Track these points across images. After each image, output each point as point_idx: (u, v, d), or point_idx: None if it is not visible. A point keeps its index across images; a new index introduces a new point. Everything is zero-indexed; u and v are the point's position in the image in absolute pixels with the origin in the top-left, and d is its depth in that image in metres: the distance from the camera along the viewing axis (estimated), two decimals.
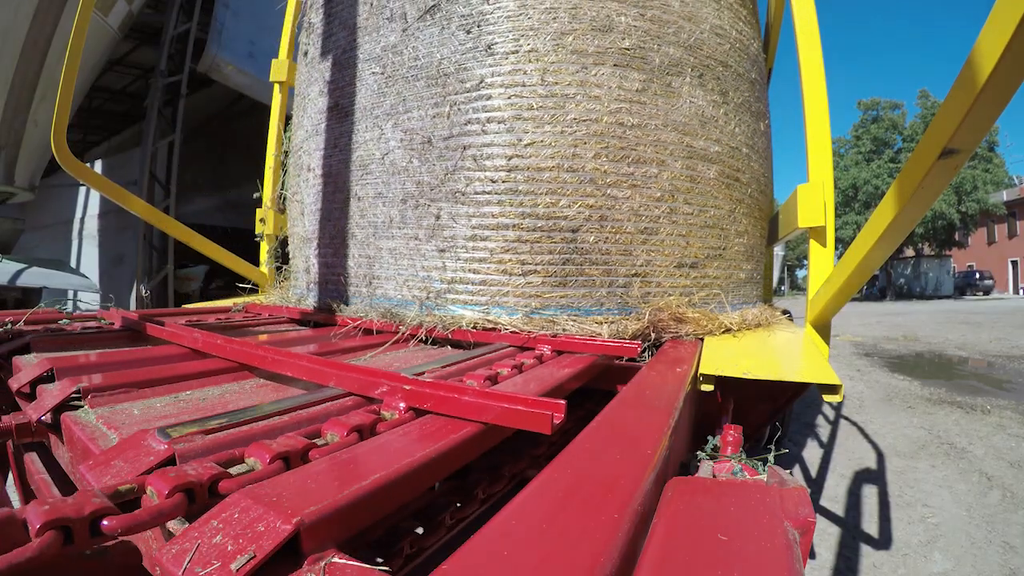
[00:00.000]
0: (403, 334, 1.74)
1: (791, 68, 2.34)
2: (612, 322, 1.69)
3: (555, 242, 1.74)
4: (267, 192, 3.62)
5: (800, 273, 46.44)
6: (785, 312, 3.09)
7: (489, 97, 1.77)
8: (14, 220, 7.44)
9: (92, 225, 9.76)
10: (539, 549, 0.46)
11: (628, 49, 1.80)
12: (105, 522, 0.54)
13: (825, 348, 1.80)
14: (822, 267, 1.95)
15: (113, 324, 1.87)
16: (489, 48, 1.78)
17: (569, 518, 0.51)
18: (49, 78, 6.22)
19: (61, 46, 6.07)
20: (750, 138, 2.18)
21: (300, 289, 2.49)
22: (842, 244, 22.25)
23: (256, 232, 3.26)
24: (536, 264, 1.75)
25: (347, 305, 2.14)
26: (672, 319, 1.71)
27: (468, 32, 1.82)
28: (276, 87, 3.69)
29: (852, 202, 27.20)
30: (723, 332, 1.81)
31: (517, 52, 1.76)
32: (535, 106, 1.74)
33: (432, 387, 0.94)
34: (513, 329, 1.67)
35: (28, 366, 1.15)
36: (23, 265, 6.12)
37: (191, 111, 9.45)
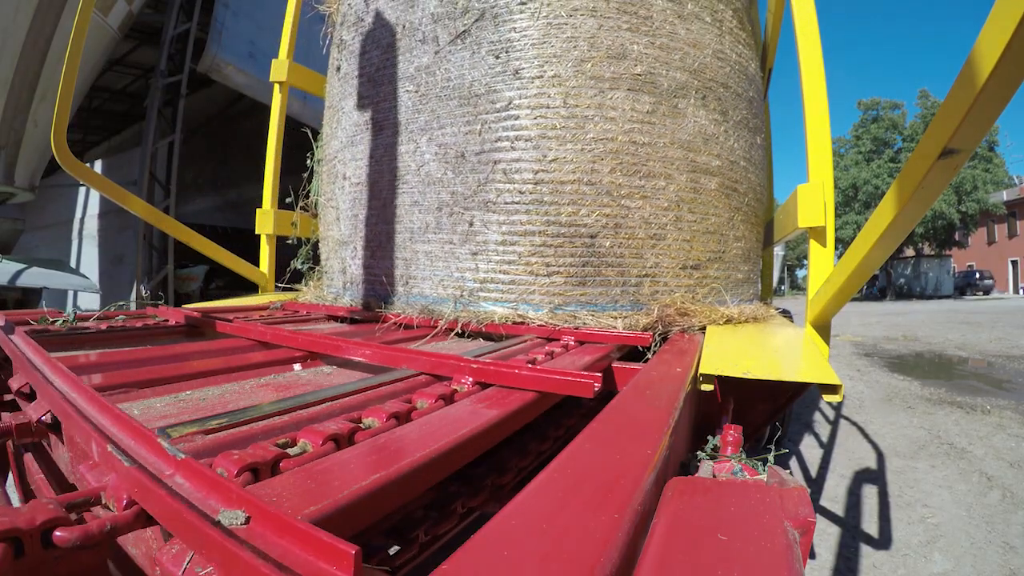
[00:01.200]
0: (441, 328, 1.92)
1: (791, 68, 2.36)
2: (626, 317, 1.89)
3: (576, 247, 1.94)
4: (267, 192, 3.62)
5: (800, 273, 46.44)
6: (784, 312, 3.11)
7: (517, 117, 1.96)
8: (14, 220, 7.44)
9: (92, 225, 9.75)
10: (539, 549, 0.46)
11: (640, 75, 1.99)
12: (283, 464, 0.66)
13: (825, 348, 1.81)
14: (822, 267, 1.95)
15: (167, 320, 2.00)
16: (516, 73, 1.97)
17: (569, 518, 0.52)
18: (49, 78, 6.22)
19: (61, 46, 6.07)
20: (747, 152, 2.35)
21: (336, 288, 2.63)
22: (842, 244, 22.24)
23: (290, 236, 3.42)
24: (559, 266, 1.95)
25: (385, 303, 2.29)
26: (678, 314, 1.91)
27: (497, 57, 2.00)
28: (276, 87, 3.68)
29: (852, 202, 27.19)
30: (725, 322, 2.00)
31: (542, 77, 1.95)
32: (558, 126, 1.94)
33: (495, 365, 1.11)
34: (540, 323, 1.87)
35: None
36: (23, 265, 6.11)
37: (191, 111, 9.45)
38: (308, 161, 3.19)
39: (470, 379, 1.09)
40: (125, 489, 0.60)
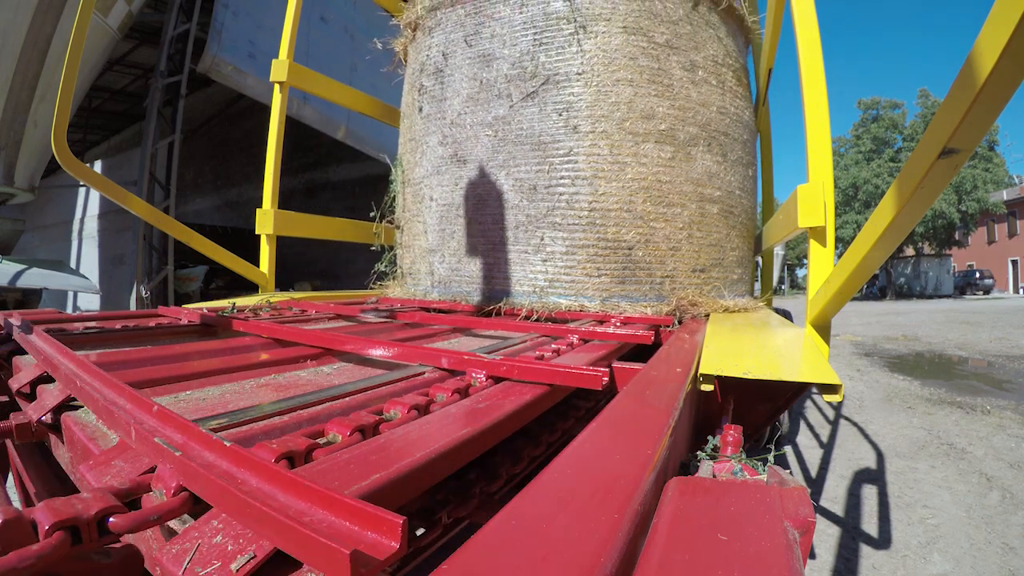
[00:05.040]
0: (522, 315, 2.49)
1: (791, 68, 2.37)
2: (653, 306, 2.53)
3: (618, 256, 2.57)
4: (267, 192, 3.62)
5: (800, 272, 46.44)
6: (784, 312, 3.19)
7: (576, 162, 2.55)
8: (14, 221, 7.43)
9: (92, 225, 9.76)
10: (539, 549, 0.46)
11: (664, 130, 2.60)
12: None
13: (825, 348, 1.80)
14: (822, 267, 1.96)
15: (305, 311, 2.58)
16: (575, 128, 2.56)
17: (569, 518, 0.52)
18: (49, 78, 6.22)
19: (61, 46, 6.07)
20: (741, 183, 2.97)
21: (424, 287, 3.19)
22: (842, 244, 22.25)
23: (373, 244, 3.88)
24: (606, 270, 2.57)
25: (471, 298, 2.85)
26: (689, 304, 2.52)
27: (560, 115, 2.59)
28: (276, 87, 3.68)
29: (852, 202, 27.19)
30: (723, 311, 2.56)
31: (594, 132, 2.54)
32: (606, 169, 2.54)
33: (594, 328, 1.87)
34: (594, 310, 2.49)
35: (28, 366, 1.15)
36: (23, 265, 6.11)
37: (191, 111, 9.45)
38: (391, 183, 3.64)
39: (575, 337, 1.61)
40: (486, 371, 1.08)
